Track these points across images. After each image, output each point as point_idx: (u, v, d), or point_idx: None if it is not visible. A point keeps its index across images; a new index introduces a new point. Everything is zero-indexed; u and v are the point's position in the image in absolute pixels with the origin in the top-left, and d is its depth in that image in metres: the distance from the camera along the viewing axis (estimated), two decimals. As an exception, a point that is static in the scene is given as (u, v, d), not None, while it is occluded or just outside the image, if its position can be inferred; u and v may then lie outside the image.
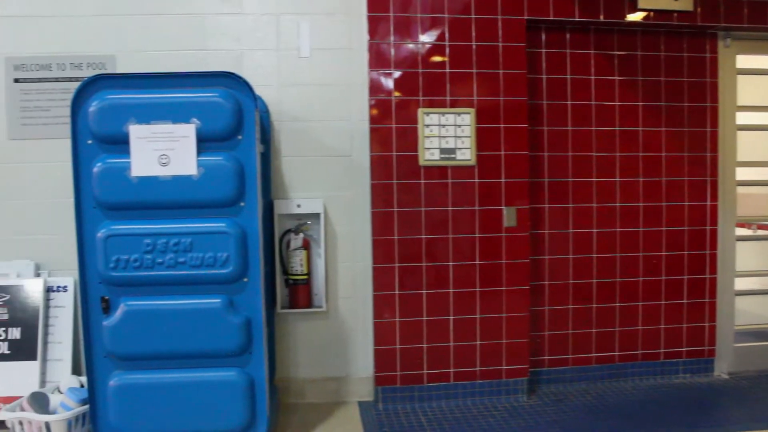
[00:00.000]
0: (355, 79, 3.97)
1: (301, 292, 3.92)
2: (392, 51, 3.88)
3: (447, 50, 3.90)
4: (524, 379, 4.03)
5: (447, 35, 3.89)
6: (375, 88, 3.87)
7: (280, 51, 3.94)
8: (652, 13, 4.05)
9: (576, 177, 4.19)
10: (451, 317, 3.95)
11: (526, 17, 3.93)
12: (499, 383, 4.01)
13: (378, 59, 3.87)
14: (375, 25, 3.87)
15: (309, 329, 4.04)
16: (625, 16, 4.02)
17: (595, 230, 4.22)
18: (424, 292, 3.93)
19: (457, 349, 3.97)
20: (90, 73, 3.84)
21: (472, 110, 3.91)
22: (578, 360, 4.27)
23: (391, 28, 3.87)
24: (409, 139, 3.88)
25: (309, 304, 3.95)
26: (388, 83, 3.88)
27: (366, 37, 3.89)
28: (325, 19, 3.96)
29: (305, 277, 3.91)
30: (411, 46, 3.89)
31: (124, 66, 3.88)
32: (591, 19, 3.99)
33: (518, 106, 3.94)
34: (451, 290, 3.95)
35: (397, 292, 3.91)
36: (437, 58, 3.90)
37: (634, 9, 4.01)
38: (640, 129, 4.23)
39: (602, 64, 4.18)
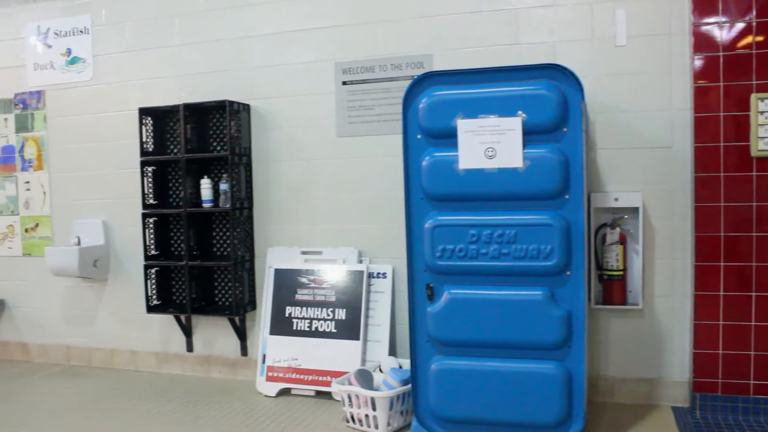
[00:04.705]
0: (675, 65, 3.74)
1: (615, 288, 3.80)
2: (719, 32, 3.59)
3: (786, 27, 3.52)
4: None
5: (786, 10, 3.52)
6: (699, 73, 3.61)
7: (594, 41, 3.84)
8: None
9: None
10: (785, 324, 3.58)
11: None
12: (844, 403, 3.55)
13: (702, 42, 3.61)
14: (699, 6, 3.60)
15: (622, 327, 3.90)
16: None
17: None
18: (753, 294, 3.59)
19: (791, 360, 3.59)
20: (409, 72, 4.08)
21: (816, 93, 3.50)
22: None
23: (719, 8, 3.57)
24: (740, 127, 3.56)
25: (623, 300, 3.82)
26: (715, 68, 3.59)
27: (689, 19, 3.65)
28: (642, 5, 3.77)
29: (620, 272, 3.78)
30: (741, 25, 3.56)
31: (441, 64, 4.05)
32: None
33: None
34: (785, 294, 3.57)
35: (721, 293, 3.62)
36: (774, 37, 3.54)
37: None
38: None
39: None
